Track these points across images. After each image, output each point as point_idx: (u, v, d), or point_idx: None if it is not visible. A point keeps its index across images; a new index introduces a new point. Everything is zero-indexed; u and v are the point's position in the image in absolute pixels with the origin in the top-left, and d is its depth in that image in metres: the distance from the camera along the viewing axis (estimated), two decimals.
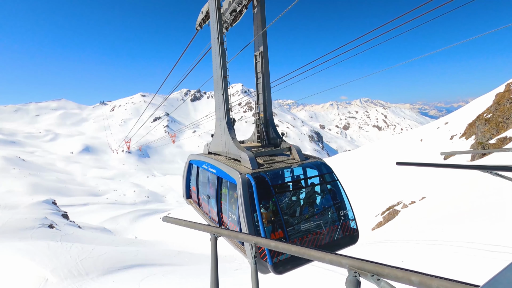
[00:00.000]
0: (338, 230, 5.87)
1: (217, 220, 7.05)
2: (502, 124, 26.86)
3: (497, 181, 6.08)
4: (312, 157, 7.01)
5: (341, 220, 5.98)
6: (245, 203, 5.33)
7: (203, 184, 8.31)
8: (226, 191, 6.58)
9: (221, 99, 7.32)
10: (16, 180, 70.75)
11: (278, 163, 6.46)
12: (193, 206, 9.50)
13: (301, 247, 2.81)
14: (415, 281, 1.78)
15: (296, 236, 5.38)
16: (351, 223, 6.07)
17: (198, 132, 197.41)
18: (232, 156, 7.05)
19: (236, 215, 5.96)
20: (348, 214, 6.08)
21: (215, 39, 7.28)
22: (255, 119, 8.37)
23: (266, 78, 7.96)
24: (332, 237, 5.71)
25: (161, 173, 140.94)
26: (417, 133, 50.02)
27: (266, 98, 8.08)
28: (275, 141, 7.92)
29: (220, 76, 7.22)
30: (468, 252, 8.97)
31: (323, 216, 5.94)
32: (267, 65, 7.95)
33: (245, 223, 5.28)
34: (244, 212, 5.28)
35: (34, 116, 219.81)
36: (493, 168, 5.32)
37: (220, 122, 7.58)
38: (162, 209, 65.58)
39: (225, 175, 6.43)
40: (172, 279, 16.46)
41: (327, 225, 5.82)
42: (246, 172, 5.74)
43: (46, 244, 20.55)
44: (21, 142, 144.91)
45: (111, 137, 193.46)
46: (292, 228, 5.44)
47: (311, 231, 5.57)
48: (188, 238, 33.61)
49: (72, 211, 53.38)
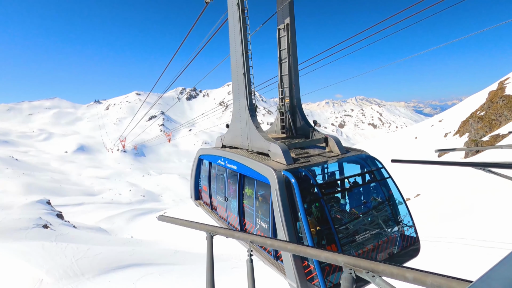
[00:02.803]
0: (398, 241, 4.79)
1: (238, 227, 5.96)
2: (495, 122, 27.20)
3: (490, 178, 6.15)
4: (353, 150, 5.94)
5: (400, 227, 4.91)
6: (283, 207, 4.30)
7: (219, 184, 7.10)
8: (252, 192, 5.52)
9: (242, 80, 6.09)
10: (9, 180, 69.84)
11: (315, 157, 5.41)
12: (204, 209, 8.27)
13: (297, 245, 2.81)
14: (409, 277, 1.80)
15: (351, 251, 4.31)
16: (410, 231, 4.98)
17: (194, 131, 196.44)
18: (257, 149, 5.94)
19: (268, 222, 4.95)
20: (407, 219, 5.00)
21: (233, 6, 6.12)
22: (278, 105, 7.18)
23: (293, 56, 6.75)
24: (391, 250, 4.64)
25: (157, 172, 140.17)
26: (411, 131, 50.51)
27: (293, 80, 6.83)
28: (304, 131, 6.77)
29: (241, 52, 5.99)
30: (461, 248, 9.08)
31: (379, 224, 4.82)
32: (294, 40, 6.74)
33: (285, 233, 4.22)
34: (284, 219, 4.25)
35: (28, 115, 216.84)
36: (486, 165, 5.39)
37: (240, 108, 6.32)
38: (158, 208, 65.27)
39: (251, 172, 5.34)
40: (168, 279, 16.43)
41: (385, 235, 4.74)
42: (280, 168, 4.70)
43: (40, 244, 20.34)
44: (15, 142, 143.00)
45: (106, 136, 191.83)
46: (346, 239, 4.36)
47: (367, 244, 4.47)
48: (184, 237, 33.52)
49: (67, 211, 52.85)
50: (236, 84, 6.34)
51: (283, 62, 6.93)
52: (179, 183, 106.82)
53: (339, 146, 5.75)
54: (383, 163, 5.38)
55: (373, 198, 5.11)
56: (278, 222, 4.34)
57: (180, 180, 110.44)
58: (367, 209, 5.00)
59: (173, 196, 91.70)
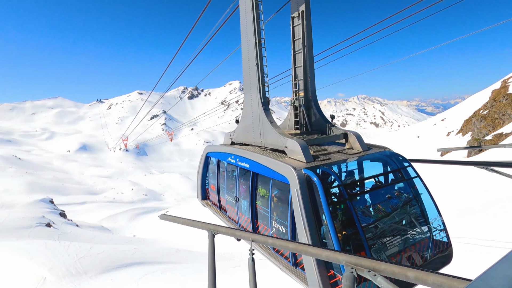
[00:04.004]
0: (430, 247, 4.38)
1: (250, 229, 5.63)
2: (498, 121, 27.04)
3: (493, 177, 6.13)
4: (375, 146, 5.50)
5: (431, 231, 4.50)
6: (305, 210, 3.92)
7: (229, 183, 6.74)
8: (266, 192, 5.17)
9: (255, 70, 5.70)
10: (12, 179, 70.29)
11: (336, 155, 5.00)
12: (211, 209, 7.89)
13: (299, 244, 2.81)
14: (411, 276, 1.80)
15: (382, 257, 3.93)
16: (441, 235, 4.55)
17: (196, 130, 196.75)
18: (270, 145, 5.57)
19: (286, 225, 4.57)
20: (437, 222, 4.58)
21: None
22: (292, 99, 6.79)
23: (308, 46, 6.34)
24: (424, 257, 4.25)
25: (158, 171, 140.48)
26: (414, 130, 50.32)
27: (308, 72, 6.41)
28: (320, 126, 6.37)
29: (254, 41, 5.59)
30: (464, 247, 9.05)
31: (410, 228, 4.42)
32: (309, 29, 6.32)
33: (308, 238, 3.83)
34: (306, 223, 3.88)
35: (30, 115, 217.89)
36: (489, 164, 5.37)
37: (252, 101, 5.95)
38: (160, 207, 65.46)
39: (266, 171, 4.98)
40: (170, 277, 16.49)
41: (416, 240, 4.34)
42: (300, 166, 4.32)
43: (44, 243, 20.46)
44: (18, 141, 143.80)
45: (108, 136, 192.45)
46: (376, 246, 3.96)
47: (399, 250, 4.08)
48: (186, 236, 33.62)
49: (70, 209, 53.14)
50: (247, 76, 5.96)
51: (297, 53, 6.51)
52: (181, 182, 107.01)
53: (361, 143, 5.29)
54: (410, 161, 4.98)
55: (402, 199, 4.68)
56: (299, 226, 3.96)
57: (182, 179, 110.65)
58: (395, 212, 4.51)
59: (175, 195, 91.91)
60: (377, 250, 3.93)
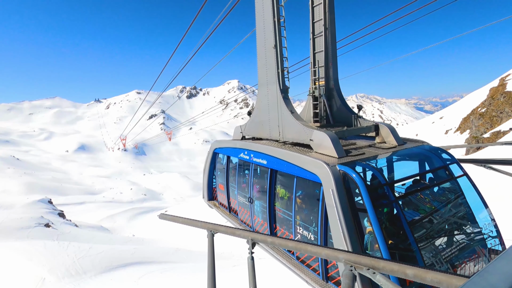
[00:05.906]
0: (486, 255, 3.80)
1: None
2: (496, 118, 27.13)
3: (491, 175, 6.15)
4: (410, 140, 4.82)
5: (486, 239, 3.92)
6: (344, 214, 3.29)
7: (240, 182, 6.04)
8: (286, 192, 4.53)
9: (272, 54, 5.00)
10: (11, 180, 69.98)
11: (368, 149, 4.35)
12: (219, 211, 7.06)
13: (298, 242, 2.81)
14: (410, 274, 1.80)
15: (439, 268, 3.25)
16: (495, 242, 3.97)
17: (195, 129, 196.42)
18: (291, 139, 4.88)
19: (316, 231, 3.85)
20: (489, 228, 4.00)
21: None
22: (310, 88, 6.03)
23: (330, 28, 5.57)
24: (480, 267, 3.70)
25: (157, 170, 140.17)
26: (412, 128, 50.43)
27: (330, 57, 5.70)
28: (343, 118, 5.71)
29: (272, 19, 4.87)
30: None
31: (464, 234, 3.84)
32: (332, 8, 5.54)
33: (347, 246, 3.20)
34: (345, 229, 3.23)
35: (28, 115, 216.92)
36: (487, 162, 5.39)
37: (269, 90, 5.22)
38: (159, 207, 65.36)
39: (289, 167, 4.29)
40: (170, 277, 16.49)
41: (472, 250, 3.76)
42: (333, 162, 3.70)
43: (43, 243, 20.42)
44: (15, 141, 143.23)
45: (107, 135, 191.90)
46: (429, 256, 3.38)
47: (454, 260, 3.52)
48: (185, 236, 33.61)
49: (69, 210, 52.98)
50: (263, 62, 5.24)
51: (317, 36, 5.77)
52: (180, 182, 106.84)
53: (395, 136, 4.61)
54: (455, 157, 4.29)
55: (451, 201, 4.05)
56: (336, 232, 3.34)
57: (181, 178, 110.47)
58: (447, 216, 3.89)
59: (174, 195, 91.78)
60: (432, 262, 3.36)
